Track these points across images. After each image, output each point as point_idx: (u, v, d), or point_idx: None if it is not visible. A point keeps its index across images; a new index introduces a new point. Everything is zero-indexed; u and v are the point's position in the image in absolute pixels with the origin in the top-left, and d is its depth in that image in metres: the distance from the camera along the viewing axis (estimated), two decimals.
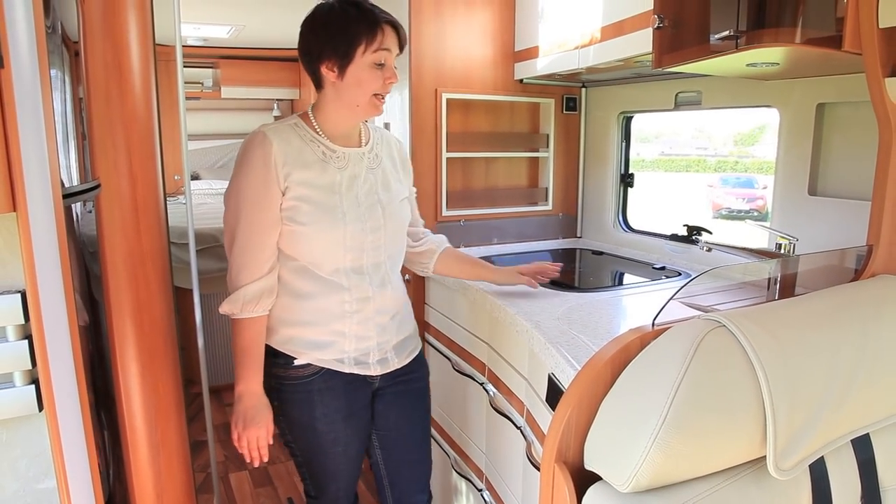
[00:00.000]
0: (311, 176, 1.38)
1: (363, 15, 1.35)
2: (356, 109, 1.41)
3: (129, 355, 1.46)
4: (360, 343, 1.48)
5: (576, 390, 0.96)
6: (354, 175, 1.44)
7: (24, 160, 0.81)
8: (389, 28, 1.37)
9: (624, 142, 2.50)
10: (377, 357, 1.51)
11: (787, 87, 1.76)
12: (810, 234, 1.68)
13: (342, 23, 1.35)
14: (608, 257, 2.41)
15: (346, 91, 1.38)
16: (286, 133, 1.40)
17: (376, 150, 1.52)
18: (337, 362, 1.47)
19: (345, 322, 1.45)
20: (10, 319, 0.86)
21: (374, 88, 1.37)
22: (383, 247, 1.48)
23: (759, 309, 1.05)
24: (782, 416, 0.92)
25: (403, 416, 1.62)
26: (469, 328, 1.98)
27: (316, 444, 1.51)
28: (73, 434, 0.91)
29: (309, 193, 1.37)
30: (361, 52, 1.34)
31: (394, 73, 1.39)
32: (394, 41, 1.38)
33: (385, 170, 1.52)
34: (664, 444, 0.84)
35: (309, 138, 1.42)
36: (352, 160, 1.45)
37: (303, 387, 1.47)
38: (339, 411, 1.49)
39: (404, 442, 1.64)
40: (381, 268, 1.48)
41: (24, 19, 0.82)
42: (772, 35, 1.21)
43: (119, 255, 1.40)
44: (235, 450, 1.49)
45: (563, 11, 2.12)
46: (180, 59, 2.26)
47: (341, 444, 1.52)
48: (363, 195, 1.44)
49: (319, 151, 1.41)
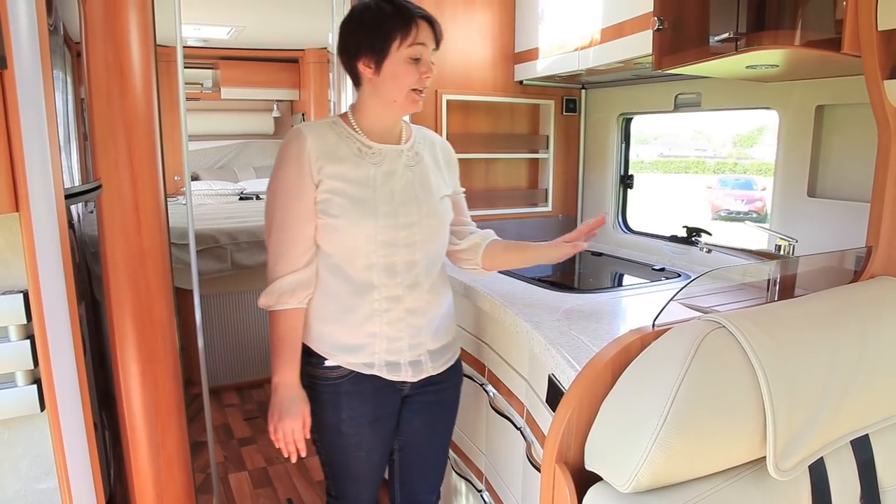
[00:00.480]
0: (344, 170, 1.39)
1: (398, 11, 1.36)
2: (394, 105, 1.42)
3: (130, 355, 1.46)
4: (392, 343, 1.46)
5: (576, 391, 0.96)
6: (391, 171, 1.45)
7: (27, 161, 0.81)
8: (424, 23, 1.38)
9: (623, 143, 2.50)
10: (409, 358, 1.49)
11: (787, 89, 1.76)
12: (810, 236, 1.69)
13: (377, 19, 1.37)
14: (608, 258, 2.42)
15: (384, 86, 1.40)
16: (322, 129, 1.42)
17: (416, 148, 1.52)
18: (366, 366, 1.46)
19: (374, 322, 1.44)
20: (12, 319, 0.86)
21: (410, 83, 1.38)
22: (418, 244, 1.46)
23: (759, 310, 1.05)
24: (782, 416, 0.92)
25: (428, 425, 1.61)
26: (469, 329, 1.98)
27: (340, 446, 1.51)
28: (74, 434, 0.92)
29: (342, 187, 1.39)
30: (396, 47, 1.36)
31: (429, 67, 1.40)
32: (429, 35, 1.39)
33: (425, 168, 1.51)
34: (664, 444, 0.84)
35: (345, 135, 1.44)
36: (388, 156, 1.46)
37: (332, 388, 1.47)
38: (365, 416, 1.49)
39: (424, 448, 1.64)
40: (415, 266, 1.46)
41: (26, 20, 0.83)
42: (771, 37, 1.22)
43: (120, 255, 1.41)
44: (235, 450, 1.49)
45: (562, 13, 2.12)
46: (181, 60, 2.27)
47: (365, 449, 1.52)
48: (398, 190, 1.44)
49: (355, 147, 1.43)
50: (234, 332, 3.73)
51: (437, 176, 1.54)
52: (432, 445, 1.66)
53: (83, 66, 1.24)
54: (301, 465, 2.94)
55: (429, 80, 1.40)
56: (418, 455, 1.64)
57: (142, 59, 1.45)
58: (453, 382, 1.64)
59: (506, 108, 2.54)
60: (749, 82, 1.84)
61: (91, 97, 1.29)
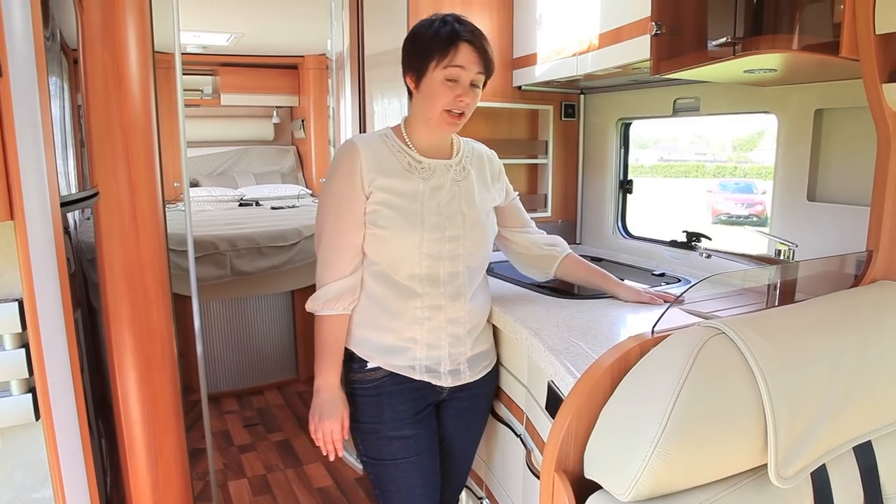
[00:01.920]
0: (393, 183, 1.43)
1: (445, 31, 1.39)
2: (429, 123, 1.44)
3: (128, 363, 1.46)
4: (432, 351, 1.49)
5: (575, 398, 0.95)
6: (438, 185, 1.48)
7: (22, 169, 0.81)
8: (468, 47, 1.38)
9: (622, 148, 2.50)
10: (448, 367, 1.52)
11: (785, 94, 1.76)
12: (810, 240, 1.68)
13: (424, 37, 1.41)
14: (607, 264, 2.41)
15: (421, 103, 1.44)
16: (374, 143, 1.46)
17: (465, 163, 1.55)
18: (409, 368, 1.49)
19: (416, 328, 1.47)
20: (7, 328, 0.86)
21: (443, 104, 1.39)
22: (462, 257, 1.49)
23: (759, 316, 1.05)
24: (783, 423, 0.91)
25: (460, 430, 1.64)
26: None
27: (386, 452, 1.51)
28: (69, 443, 0.91)
29: (391, 199, 1.42)
30: (433, 67, 1.38)
31: (466, 91, 1.40)
32: (471, 60, 1.39)
33: (471, 183, 1.54)
34: (664, 452, 0.83)
35: (396, 149, 1.47)
36: (437, 171, 1.49)
37: (373, 390, 1.49)
38: (406, 414, 1.50)
39: (452, 453, 1.66)
40: (457, 278, 1.49)
41: (22, 29, 0.82)
42: (769, 41, 1.21)
43: (117, 262, 1.40)
44: (235, 457, 1.49)
45: (560, 18, 2.12)
46: (179, 67, 2.27)
47: (412, 453, 1.51)
48: (445, 204, 1.47)
49: (405, 162, 1.46)
50: (233, 338, 3.73)
51: (483, 189, 1.57)
52: (461, 451, 1.68)
53: (80, 74, 1.24)
54: (301, 473, 2.93)
55: (464, 104, 1.41)
56: (445, 461, 1.64)
57: (140, 66, 1.45)
58: (487, 389, 1.67)
59: (504, 113, 2.54)
60: (747, 86, 1.84)
61: (88, 104, 1.29)
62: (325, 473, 2.92)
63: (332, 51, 2.94)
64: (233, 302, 3.67)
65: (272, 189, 5.36)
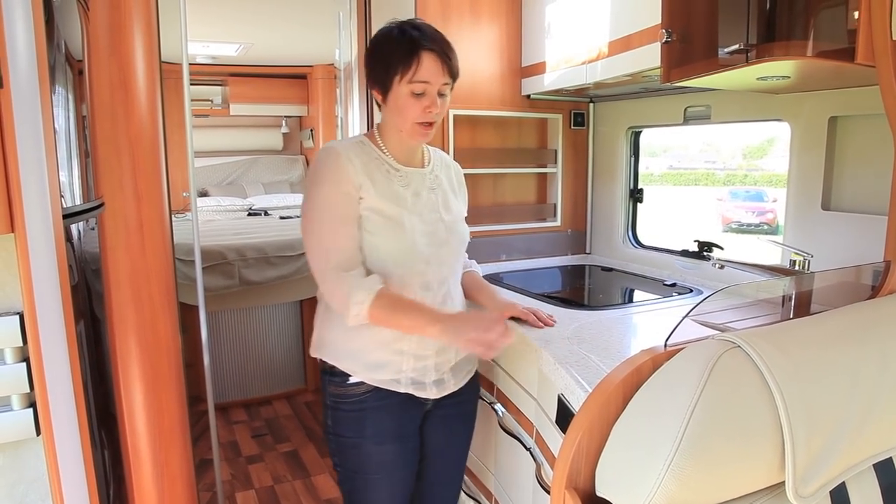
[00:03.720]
0: (379, 189, 1.40)
1: (405, 43, 1.34)
2: (401, 134, 1.43)
3: (134, 374, 1.44)
4: (418, 362, 1.45)
5: (586, 414, 0.93)
6: (417, 192, 1.46)
7: (23, 181, 0.80)
8: (430, 56, 1.34)
9: (633, 157, 2.47)
10: (434, 377, 1.49)
11: (798, 101, 1.74)
12: (824, 250, 1.65)
13: (385, 51, 1.37)
14: (618, 273, 2.38)
15: (391, 115, 1.41)
16: (354, 149, 1.42)
17: (436, 171, 1.54)
18: (394, 382, 1.45)
19: (404, 340, 1.43)
20: (8, 342, 0.85)
21: (413, 117, 1.37)
22: (447, 263, 1.48)
23: (775, 328, 1.02)
24: (801, 440, 0.88)
25: (446, 439, 1.61)
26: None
27: (363, 467, 1.48)
28: (70, 459, 0.90)
29: (378, 205, 1.39)
30: (398, 81, 1.35)
31: (434, 102, 1.36)
32: (434, 70, 1.35)
33: (445, 191, 1.54)
34: (679, 470, 0.81)
35: (374, 156, 1.44)
36: (414, 179, 1.47)
37: (356, 404, 1.45)
38: (389, 432, 1.47)
39: (441, 463, 1.63)
40: (445, 284, 1.48)
41: (24, 39, 0.81)
42: (783, 48, 1.19)
43: (123, 273, 1.39)
44: (243, 468, 1.48)
45: (570, 26, 2.11)
46: (187, 77, 2.27)
47: (387, 470, 1.49)
48: (427, 211, 1.46)
49: (384, 169, 1.43)
50: (242, 348, 3.72)
51: (454, 197, 1.57)
52: (451, 460, 1.66)
53: (85, 84, 1.23)
54: (309, 484, 2.91)
55: (434, 114, 1.38)
56: (436, 472, 1.63)
57: (147, 76, 1.45)
58: (471, 395, 1.64)
59: (513, 122, 2.53)
60: (760, 94, 1.82)
61: (94, 115, 1.28)
62: (333, 485, 2.89)
63: (340, 60, 2.94)
64: (241, 312, 3.66)
65: (281, 198, 5.37)
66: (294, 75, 5.43)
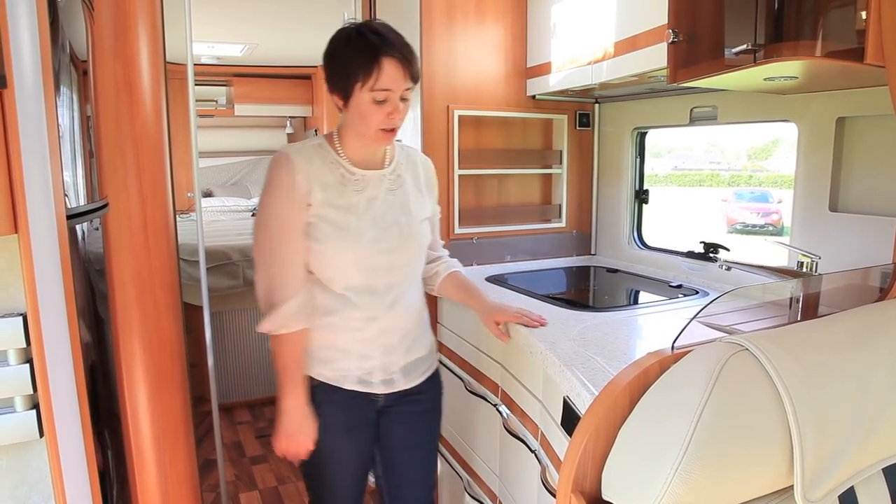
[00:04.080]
0: (329, 196, 1.40)
1: (363, 48, 1.32)
2: (364, 139, 1.43)
3: (137, 375, 1.44)
4: (363, 362, 1.48)
5: (592, 417, 0.92)
6: (373, 196, 1.45)
7: (27, 181, 0.79)
8: (391, 63, 1.32)
9: (638, 158, 2.46)
10: (381, 378, 1.51)
11: (806, 101, 1.72)
12: (832, 252, 1.64)
13: (344, 56, 1.36)
14: (623, 275, 2.37)
15: (352, 121, 1.41)
16: (309, 154, 1.42)
17: (399, 170, 1.52)
18: (340, 378, 1.48)
19: (348, 339, 1.46)
20: (11, 343, 0.84)
21: (376, 123, 1.37)
22: (398, 268, 1.48)
23: (783, 331, 1.01)
24: (810, 444, 0.88)
25: (408, 436, 1.61)
26: (482, 348, 1.94)
27: (316, 457, 1.50)
28: (73, 461, 0.89)
29: (327, 213, 1.40)
30: (359, 88, 1.34)
31: (397, 108, 1.36)
32: (396, 77, 1.33)
33: (406, 191, 1.52)
34: (686, 474, 0.80)
35: (330, 160, 1.43)
36: (371, 182, 1.46)
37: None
38: (339, 424, 1.50)
39: (407, 461, 1.64)
40: (393, 289, 1.48)
41: (28, 40, 0.81)
42: (791, 48, 1.18)
43: (127, 274, 1.39)
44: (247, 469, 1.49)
45: (575, 27, 2.10)
46: (192, 78, 2.27)
47: (338, 461, 1.53)
48: (380, 216, 1.45)
49: (339, 174, 1.43)
50: (246, 348, 3.72)
51: (419, 198, 1.55)
52: (416, 459, 1.66)
53: (90, 85, 1.23)
54: None
55: (396, 120, 1.38)
56: (402, 470, 1.64)
57: (151, 77, 1.44)
58: (432, 394, 1.65)
59: (518, 123, 2.52)
60: (767, 94, 1.81)
61: (98, 115, 1.28)
62: None
63: None
64: (245, 312, 3.66)
65: None
66: (299, 76, 5.43)
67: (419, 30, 2.19)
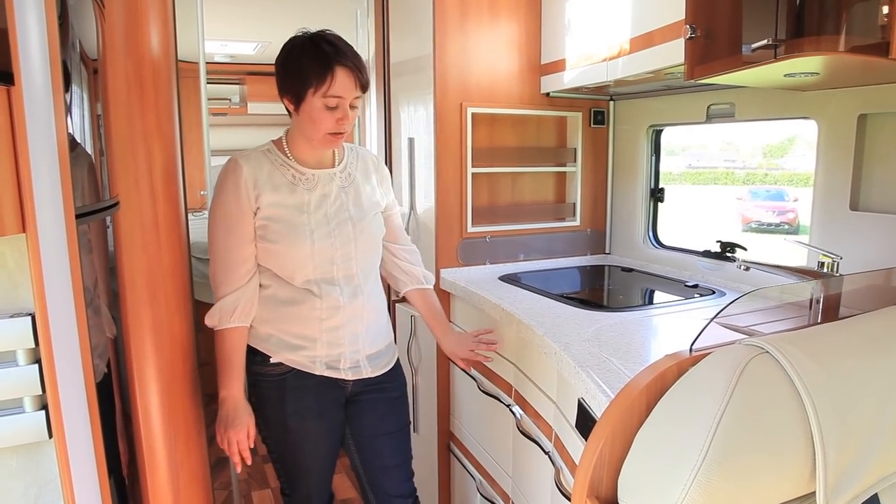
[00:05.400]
0: (279, 198, 1.48)
1: (317, 58, 1.41)
2: (313, 142, 1.50)
3: (149, 375, 1.43)
4: (332, 349, 1.55)
5: (609, 420, 0.90)
6: (325, 194, 1.53)
7: (35, 180, 0.78)
8: (344, 72, 1.41)
9: (654, 156, 2.43)
10: (349, 364, 1.58)
11: (826, 98, 1.69)
12: (852, 252, 1.60)
13: (297, 62, 1.43)
14: (638, 274, 2.35)
15: (303, 125, 1.48)
16: (257, 159, 1.50)
17: (349, 168, 1.61)
18: (309, 364, 1.55)
19: (315, 328, 1.53)
20: (20, 343, 0.83)
21: (326, 128, 1.45)
22: (354, 259, 1.55)
23: (804, 333, 0.99)
24: (832, 449, 0.85)
25: (378, 423, 1.68)
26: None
27: (288, 440, 1.59)
28: (82, 462, 0.88)
29: (278, 213, 1.48)
30: (311, 94, 1.42)
31: (346, 114, 1.45)
32: (348, 86, 1.42)
33: (358, 187, 1.60)
34: (706, 481, 0.78)
35: (279, 163, 1.52)
36: (321, 181, 1.54)
37: (276, 384, 1.55)
38: (309, 409, 1.57)
39: (382, 448, 1.70)
40: (353, 279, 1.56)
41: (37, 39, 0.80)
42: (813, 43, 1.15)
43: (138, 272, 1.38)
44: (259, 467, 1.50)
45: (590, 23, 2.07)
46: (204, 76, 2.27)
47: (311, 442, 1.60)
48: (332, 212, 1.53)
49: (289, 175, 1.51)
50: None
51: (371, 191, 1.64)
52: (390, 446, 1.72)
53: (100, 83, 1.22)
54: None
55: (345, 125, 1.46)
56: (379, 457, 1.70)
57: (163, 75, 1.44)
58: (397, 384, 1.73)
59: (532, 120, 2.50)
60: (786, 91, 1.77)
61: (109, 114, 1.27)
62: (350, 485, 2.88)
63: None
64: None
65: None
66: None
67: (432, 26, 2.17)
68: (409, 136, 2.41)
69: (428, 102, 2.24)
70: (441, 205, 2.26)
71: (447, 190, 2.26)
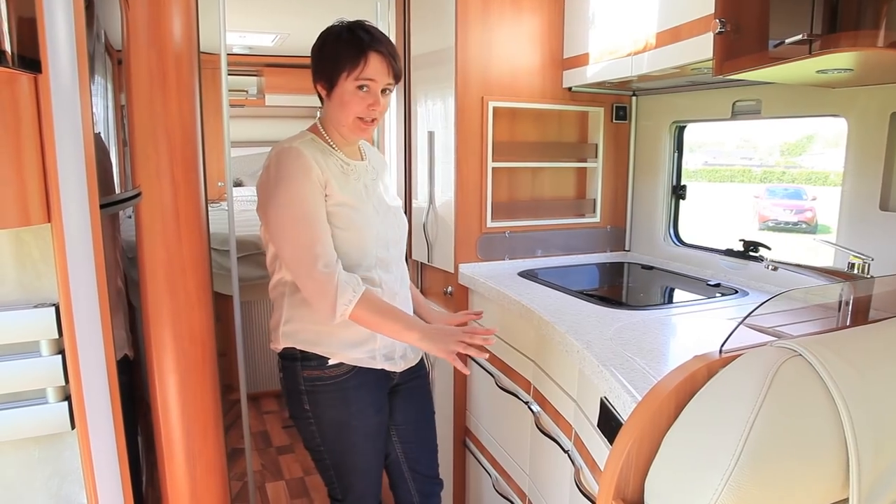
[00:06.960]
0: (339, 184, 1.48)
1: (353, 43, 1.43)
2: (343, 129, 1.51)
3: (168, 366, 1.43)
4: (387, 340, 1.55)
5: (637, 422, 0.88)
6: (365, 185, 1.56)
7: (60, 169, 0.78)
8: (378, 57, 1.44)
9: (676, 152, 2.40)
10: (400, 354, 1.61)
11: (857, 95, 1.65)
12: (881, 252, 1.57)
13: (333, 47, 1.46)
14: (658, 272, 2.32)
15: (334, 110, 1.50)
16: (311, 147, 1.49)
17: (372, 163, 1.64)
18: (369, 359, 1.54)
19: None
20: (43, 334, 0.83)
21: (356, 112, 1.46)
22: (399, 245, 1.62)
23: (837, 336, 0.96)
24: (867, 455, 0.83)
25: (419, 409, 1.75)
26: (514, 344, 1.91)
27: (350, 441, 1.57)
28: (105, 452, 0.88)
29: (344, 200, 1.48)
30: (345, 78, 1.44)
31: (377, 99, 1.46)
32: (381, 71, 1.45)
33: (384, 181, 1.66)
34: (737, 486, 0.76)
35: (328, 152, 1.52)
36: (361, 171, 1.57)
37: (337, 385, 1.53)
38: (372, 405, 1.58)
39: (423, 433, 1.76)
40: (400, 264, 1.62)
41: (64, 28, 0.79)
42: (850, 38, 1.12)
43: (159, 263, 1.38)
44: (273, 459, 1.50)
45: (615, 17, 2.04)
46: (225, 68, 2.27)
47: (371, 439, 1.60)
48: (377, 200, 1.57)
49: (339, 164, 1.53)
50: None
51: (391, 188, 1.70)
52: (429, 429, 1.78)
53: (124, 74, 1.22)
54: None
55: (376, 111, 1.47)
56: (420, 441, 1.76)
57: (185, 66, 1.43)
58: (422, 370, 1.77)
59: (553, 115, 2.47)
60: (815, 88, 1.73)
61: (132, 105, 1.27)
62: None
63: None
64: None
65: None
66: None
67: (454, 19, 2.15)
68: (428, 130, 2.39)
69: (448, 96, 2.22)
70: (461, 199, 2.24)
71: (467, 184, 2.25)
